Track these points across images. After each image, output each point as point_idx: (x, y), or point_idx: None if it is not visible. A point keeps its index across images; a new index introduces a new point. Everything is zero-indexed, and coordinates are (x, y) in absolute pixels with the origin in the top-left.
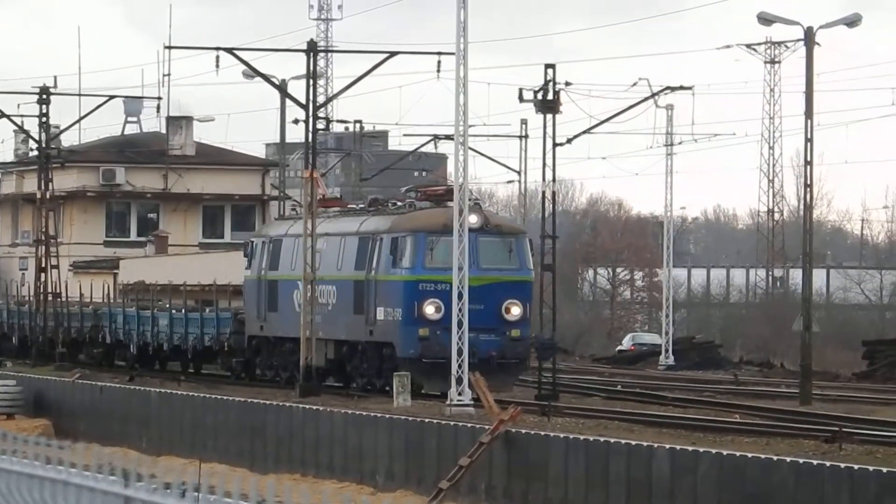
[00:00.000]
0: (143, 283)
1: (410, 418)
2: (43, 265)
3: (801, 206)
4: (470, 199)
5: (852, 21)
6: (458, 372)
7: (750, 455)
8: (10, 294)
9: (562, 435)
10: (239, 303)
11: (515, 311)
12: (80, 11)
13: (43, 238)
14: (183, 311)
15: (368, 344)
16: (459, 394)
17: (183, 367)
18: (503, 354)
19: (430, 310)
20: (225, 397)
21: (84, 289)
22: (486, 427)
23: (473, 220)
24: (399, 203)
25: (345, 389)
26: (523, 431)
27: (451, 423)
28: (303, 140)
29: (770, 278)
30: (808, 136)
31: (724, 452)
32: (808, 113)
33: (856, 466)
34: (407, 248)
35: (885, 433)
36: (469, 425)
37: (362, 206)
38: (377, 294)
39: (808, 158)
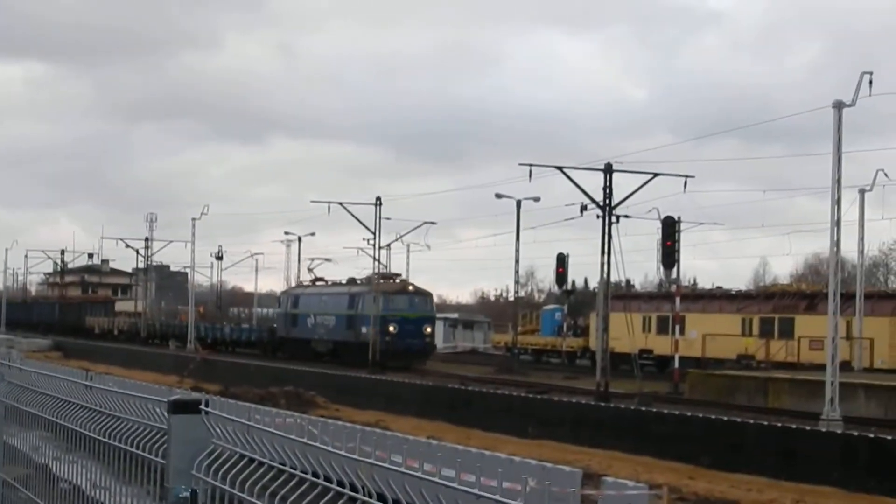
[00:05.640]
0: None
1: (179, 354)
2: None
3: None
4: (405, 279)
5: None
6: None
7: None
8: None
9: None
10: None
11: (428, 329)
12: None
13: None
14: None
15: (356, 343)
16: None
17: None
18: (423, 348)
19: (391, 328)
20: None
21: None
22: (197, 356)
23: (411, 288)
24: (361, 280)
25: None
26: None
27: (190, 355)
28: None
29: None
30: None
31: None
32: None
33: None
34: (380, 300)
35: None
36: (196, 357)
37: (342, 281)
38: (362, 321)
39: None
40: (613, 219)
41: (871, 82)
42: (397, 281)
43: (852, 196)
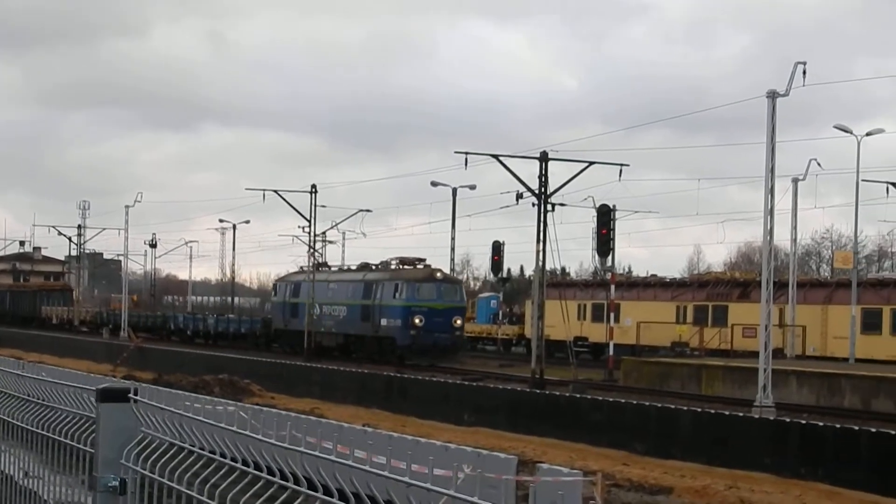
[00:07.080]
0: None
1: (113, 342)
2: None
3: None
4: (430, 265)
5: None
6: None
7: None
8: None
9: (159, 347)
10: None
11: (458, 322)
12: None
13: None
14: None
15: (373, 337)
16: (127, 335)
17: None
18: (452, 344)
19: (417, 320)
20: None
21: None
22: (131, 345)
23: (439, 275)
24: (377, 265)
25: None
26: (144, 346)
27: (124, 343)
28: None
29: None
30: None
31: None
32: None
33: None
34: (404, 289)
35: None
36: (130, 345)
37: (354, 267)
38: (381, 312)
39: None
40: (549, 207)
41: (804, 72)
42: (420, 266)
43: (785, 185)
